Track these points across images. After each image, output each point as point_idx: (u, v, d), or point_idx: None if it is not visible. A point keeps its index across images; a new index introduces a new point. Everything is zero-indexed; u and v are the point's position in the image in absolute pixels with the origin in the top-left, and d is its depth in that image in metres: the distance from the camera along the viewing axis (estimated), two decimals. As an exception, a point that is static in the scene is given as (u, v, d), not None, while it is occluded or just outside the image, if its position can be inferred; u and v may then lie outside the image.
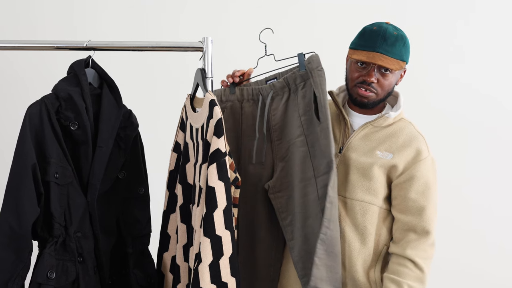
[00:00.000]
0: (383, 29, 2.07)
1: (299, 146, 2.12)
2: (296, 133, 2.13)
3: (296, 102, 2.15)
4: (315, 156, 2.07)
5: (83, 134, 1.99)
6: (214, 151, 1.82)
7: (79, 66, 2.04)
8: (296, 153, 2.12)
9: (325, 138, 2.03)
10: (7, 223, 1.89)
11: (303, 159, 2.10)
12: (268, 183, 2.16)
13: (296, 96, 2.15)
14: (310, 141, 2.09)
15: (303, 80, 2.13)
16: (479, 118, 3.21)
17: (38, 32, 2.95)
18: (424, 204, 2.07)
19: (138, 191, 2.17)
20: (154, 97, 3.06)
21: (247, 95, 2.22)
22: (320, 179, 2.03)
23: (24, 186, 1.90)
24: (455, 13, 3.19)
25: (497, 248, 3.23)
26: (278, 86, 2.18)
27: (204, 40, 2.07)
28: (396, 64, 2.05)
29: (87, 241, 2.02)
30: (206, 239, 1.78)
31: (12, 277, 1.88)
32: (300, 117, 2.12)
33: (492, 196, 3.23)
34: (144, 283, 2.16)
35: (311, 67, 2.10)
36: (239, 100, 2.22)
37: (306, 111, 2.11)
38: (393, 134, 2.13)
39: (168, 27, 3.06)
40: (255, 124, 2.20)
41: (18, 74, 3.01)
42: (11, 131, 2.21)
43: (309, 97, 2.11)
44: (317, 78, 2.08)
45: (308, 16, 3.15)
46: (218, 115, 1.85)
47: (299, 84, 2.14)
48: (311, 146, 2.09)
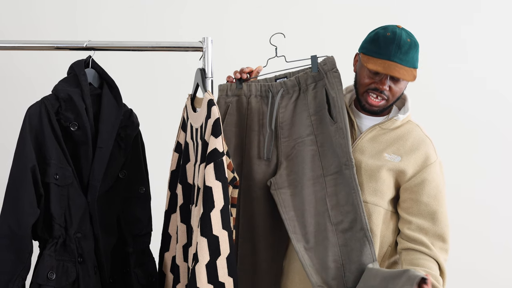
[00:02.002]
0: (398, 36, 2.03)
1: (308, 144, 2.14)
2: (305, 132, 2.15)
3: (305, 101, 2.17)
4: (324, 156, 2.10)
5: (83, 135, 1.99)
6: (211, 151, 1.82)
7: (79, 66, 2.04)
8: (304, 152, 2.14)
9: (342, 137, 2.06)
10: (7, 224, 1.90)
11: (312, 157, 2.12)
12: (270, 180, 2.16)
13: (306, 96, 2.17)
14: (320, 140, 2.12)
15: (314, 81, 2.16)
16: (487, 117, 3.19)
17: (38, 32, 2.97)
18: (436, 208, 2.07)
19: (139, 190, 2.18)
20: (154, 97, 3.06)
21: (255, 90, 2.21)
22: (329, 178, 2.08)
23: (24, 188, 1.90)
24: (460, 12, 3.18)
25: (502, 248, 3.22)
26: (289, 84, 2.19)
27: (204, 40, 2.08)
28: (410, 74, 2.04)
29: (87, 242, 2.02)
30: (203, 239, 1.78)
31: (12, 278, 1.88)
32: (310, 117, 2.15)
33: (497, 196, 3.22)
34: (145, 282, 2.17)
35: (326, 68, 2.13)
36: (245, 95, 2.22)
37: (317, 111, 2.14)
38: (401, 137, 2.13)
39: (168, 27, 3.06)
40: (261, 120, 2.21)
41: (18, 74, 3.03)
42: (11, 131, 2.22)
43: (321, 98, 2.13)
44: (332, 79, 2.11)
45: (309, 16, 3.14)
46: (216, 115, 1.85)
47: (310, 85, 2.17)
48: (320, 145, 2.12)
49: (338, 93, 2.08)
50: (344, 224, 2.04)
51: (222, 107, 2.20)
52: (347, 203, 2.05)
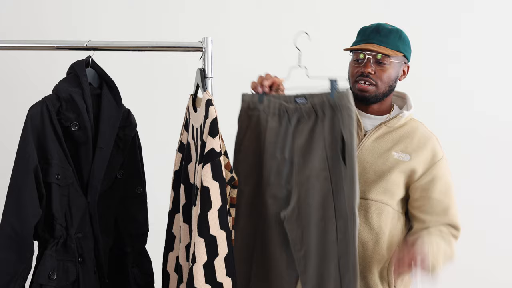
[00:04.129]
0: (377, 24, 2.11)
1: (321, 180, 1.95)
2: (320, 166, 1.96)
3: (322, 131, 1.96)
4: (338, 197, 1.93)
5: (84, 135, 2.00)
6: (208, 151, 1.82)
7: (80, 66, 2.04)
8: (317, 187, 1.96)
9: (350, 187, 1.89)
10: (9, 224, 1.90)
11: (325, 195, 1.95)
12: (283, 213, 2.02)
13: (323, 125, 1.96)
14: (334, 179, 1.93)
15: (332, 110, 1.94)
16: (482, 118, 3.19)
17: (38, 32, 2.98)
18: (448, 203, 2.10)
19: (136, 190, 2.18)
20: (154, 97, 3.07)
21: (273, 108, 2.03)
22: (341, 223, 1.91)
23: (26, 188, 1.90)
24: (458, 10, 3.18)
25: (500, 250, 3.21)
26: (304, 110, 1.99)
27: (204, 40, 2.08)
28: (390, 52, 2.06)
29: (87, 242, 2.02)
30: (201, 239, 1.78)
31: (13, 278, 1.88)
32: (326, 150, 1.95)
33: (496, 196, 3.21)
34: (142, 282, 2.18)
35: (340, 103, 1.91)
36: (265, 112, 2.05)
37: (333, 146, 1.94)
38: (407, 134, 2.14)
39: (168, 27, 3.07)
40: (278, 142, 2.04)
41: (18, 74, 3.04)
42: (11, 131, 2.23)
43: (337, 131, 1.92)
44: (346, 118, 1.90)
45: (309, 16, 3.13)
46: (213, 115, 1.86)
47: (327, 113, 1.95)
48: (334, 184, 1.93)
49: (350, 135, 1.89)
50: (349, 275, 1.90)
51: (245, 120, 2.08)
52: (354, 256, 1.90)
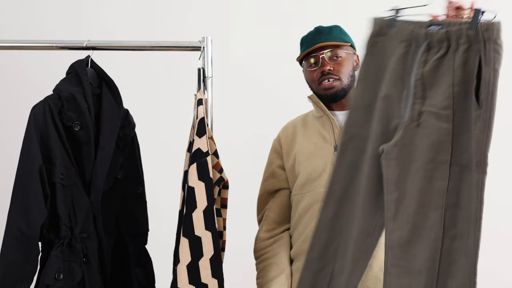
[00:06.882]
0: (315, 28, 2.21)
1: (441, 120, 1.71)
2: (442, 103, 1.71)
3: (452, 64, 1.71)
4: (458, 140, 1.70)
5: (86, 135, 2.00)
6: (195, 151, 1.81)
7: (81, 66, 2.04)
8: (432, 126, 1.72)
9: (482, 131, 1.64)
10: (15, 225, 1.88)
11: (441, 138, 1.71)
12: (383, 147, 1.76)
13: (454, 58, 1.71)
14: (457, 120, 1.69)
15: (469, 43, 1.68)
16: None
17: (38, 32, 2.99)
18: None
19: (136, 190, 2.17)
20: (154, 96, 3.06)
21: (402, 35, 1.79)
22: (456, 169, 1.69)
23: (32, 188, 1.90)
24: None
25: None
26: (436, 37, 1.73)
27: (203, 39, 2.07)
28: (339, 43, 2.15)
29: (91, 242, 2.01)
30: (185, 239, 1.77)
31: (19, 279, 1.87)
32: (453, 87, 1.70)
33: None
34: (144, 282, 2.16)
35: (487, 36, 1.65)
36: (394, 37, 1.81)
37: (463, 82, 1.69)
38: None
39: (167, 26, 3.06)
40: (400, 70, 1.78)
41: (18, 74, 3.07)
42: (11, 130, 2.26)
43: (472, 67, 1.67)
44: (491, 53, 1.64)
45: (309, 16, 3.08)
46: (201, 114, 1.85)
47: (462, 44, 1.69)
48: (456, 125, 1.70)
49: (493, 73, 1.63)
50: (456, 230, 1.69)
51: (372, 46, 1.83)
52: (467, 210, 1.67)
